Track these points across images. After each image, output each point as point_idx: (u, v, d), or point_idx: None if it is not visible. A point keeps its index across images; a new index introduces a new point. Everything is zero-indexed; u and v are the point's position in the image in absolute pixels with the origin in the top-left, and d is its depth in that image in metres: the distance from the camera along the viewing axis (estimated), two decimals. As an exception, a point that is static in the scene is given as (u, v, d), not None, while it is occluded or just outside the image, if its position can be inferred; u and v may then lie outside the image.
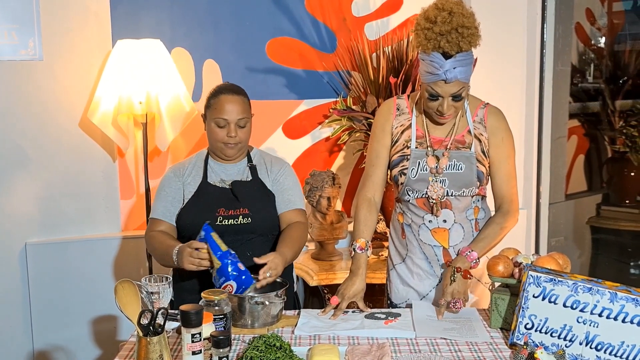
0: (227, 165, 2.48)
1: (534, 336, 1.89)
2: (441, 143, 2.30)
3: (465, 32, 2.11)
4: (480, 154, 2.28)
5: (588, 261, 4.73)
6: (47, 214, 3.28)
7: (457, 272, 2.19)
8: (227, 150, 2.42)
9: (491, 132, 2.29)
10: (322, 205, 3.27)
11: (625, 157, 4.58)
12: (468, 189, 2.27)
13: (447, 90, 2.16)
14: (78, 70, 3.24)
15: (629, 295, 1.75)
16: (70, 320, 3.30)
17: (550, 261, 2.03)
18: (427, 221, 2.32)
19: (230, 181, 2.44)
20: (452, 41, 2.11)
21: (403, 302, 2.42)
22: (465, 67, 2.14)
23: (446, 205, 2.29)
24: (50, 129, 3.24)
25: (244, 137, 2.41)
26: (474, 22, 2.15)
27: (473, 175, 2.26)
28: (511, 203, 2.33)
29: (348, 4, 3.60)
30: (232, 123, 2.37)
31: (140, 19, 3.30)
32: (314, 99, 3.61)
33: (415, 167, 2.28)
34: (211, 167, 2.48)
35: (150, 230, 2.45)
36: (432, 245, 2.33)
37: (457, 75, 2.13)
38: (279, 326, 2.11)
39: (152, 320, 1.68)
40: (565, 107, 4.09)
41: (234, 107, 2.37)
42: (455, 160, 2.26)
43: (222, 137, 2.39)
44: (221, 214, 2.37)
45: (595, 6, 4.84)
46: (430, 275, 2.36)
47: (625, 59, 4.62)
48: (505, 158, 2.31)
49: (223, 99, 2.38)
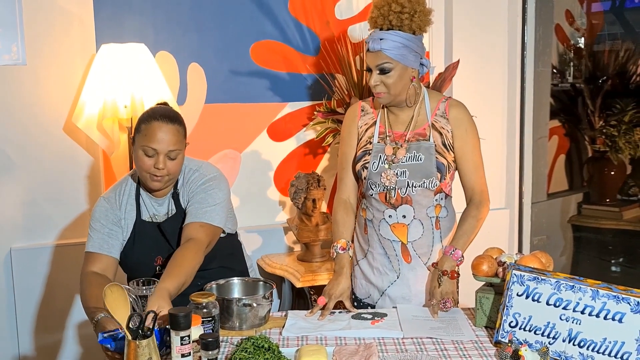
0: (160, 199, 2.31)
1: (518, 334, 1.92)
2: (401, 137, 2.34)
3: (397, 7, 2.20)
4: (440, 146, 2.31)
5: (570, 259, 4.79)
6: (32, 219, 3.27)
7: (443, 275, 2.23)
8: (152, 183, 2.21)
9: (454, 124, 2.33)
10: (308, 207, 3.29)
11: (605, 157, 4.64)
12: (428, 179, 2.29)
13: (371, 61, 2.25)
14: (62, 74, 3.23)
15: (610, 292, 1.79)
16: (56, 324, 3.29)
17: (534, 260, 2.06)
18: (387, 216, 2.35)
19: (161, 218, 2.30)
20: (383, 14, 2.23)
21: (367, 297, 2.46)
22: (395, 43, 2.22)
23: (406, 200, 2.32)
24: (35, 134, 3.23)
25: (173, 170, 2.20)
26: (415, 5, 2.22)
27: (432, 165, 2.28)
28: (482, 193, 2.36)
29: (331, 7, 3.62)
30: (162, 154, 2.16)
31: (124, 23, 3.30)
32: (298, 102, 3.63)
33: (377, 161, 2.34)
34: (144, 201, 2.31)
35: (85, 268, 2.25)
36: (391, 240, 2.36)
37: (381, 47, 2.22)
38: (266, 328, 2.13)
39: (141, 324, 1.69)
40: (546, 107, 4.15)
41: (166, 137, 2.15)
42: (415, 152, 2.30)
43: (148, 167, 2.18)
44: (159, 263, 2.28)
45: (574, 7, 4.91)
46: (388, 270, 2.39)
47: (605, 59, 4.69)
48: (471, 149, 2.34)
49: (155, 126, 2.16)
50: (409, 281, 2.37)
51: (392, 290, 2.39)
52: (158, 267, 2.27)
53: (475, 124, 2.37)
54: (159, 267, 2.26)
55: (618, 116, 4.52)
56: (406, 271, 2.37)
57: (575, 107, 4.75)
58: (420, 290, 2.37)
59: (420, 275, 2.36)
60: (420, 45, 2.29)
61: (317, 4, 3.59)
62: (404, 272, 2.37)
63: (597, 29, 5.02)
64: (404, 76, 2.27)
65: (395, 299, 2.38)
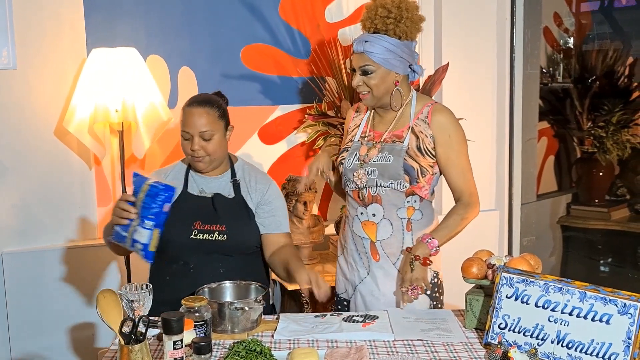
0: (209, 178, 2.47)
1: (507, 336, 1.95)
2: (380, 137, 2.38)
3: (384, 12, 2.25)
4: (414, 149, 2.32)
5: (559, 260, 4.82)
6: (23, 223, 3.27)
7: (415, 260, 2.25)
8: (195, 164, 2.42)
9: (436, 130, 2.34)
10: (299, 209, 3.31)
11: (593, 158, 4.66)
12: (396, 181, 2.31)
13: (355, 62, 2.31)
14: (53, 78, 3.24)
15: (597, 294, 1.81)
16: (48, 328, 3.29)
17: (522, 262, 2.09)
18: (359, 213, 2.40)
19: (211, 193, 2.44)
20: (371, 17, 2.28)
21: (343, 292, 2.52)
22: (378, 47, 2.26)
23: (376, 199, 2.35)
24: (26, 138, 3.23)
25: (210, 150, 2.38)
26: (403, 12, 2.26)
27: (400, 167, 2.30)
28: (471, 195, 2.37)
29: (321, 11, 3.64)
30: (195, 136, 2.35)
31: (114, 27, 3.30)
32: (289, 105, 3.64)
33: (352, 158, 2.39)
34: (193, 177, 2.48)
35: None
36: (362, 237, 2.41)
37: (365, 49, 2.27)
38: (258, 331, 2.14)
39: (134, 329, 1.71)
40: (535, 109, 4.17)
41: (197, 120, 2.34)
42: (387, 153, 2.33)
43: (187, 150, 2.40)
44: (197, 227, 2.36)
45: (562, 9, 4.93)
46: (359, 267, 2.44)
47: (593, 61, 4.71)
48: (456, 155, 2.35)
49: (187, 111, 2.38)
50: (378, 280, 2.40)
51: (362, 286, 2.44)
52: (195, 231, 2.35)
53: (461, 129, 2.38)
54: (196, 230, 2.35)
55: (606, 117, 4.54)
56: (375, 269, 2.41)
57: (563, 108, 4.78)
58: (389, 289, 2.40)
59: (388, 275, 2.38)
60: (407, 51, 2.31)
61: (307, 8, 3.61)
62: (373, 269, 2.41)
63: (586, 30, 5.05)
64: (387, 79, 2.30)
65: (365, 296, 2.43)
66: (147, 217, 2.10)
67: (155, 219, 2.10)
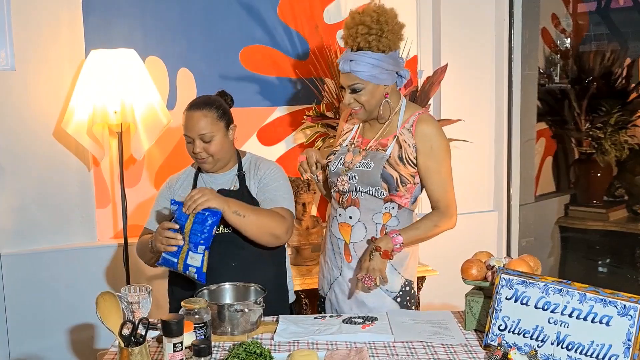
0: (217, 175, 2.50)
1: (507, 337, 1.95)
2: (367, 144, 2.41)
3: (364, 29, 2.24)
4: (395, 158, 2.34)
5: (557, 260, 4.82)
6: (22, 225, 3.26)
7: (376, 251, 2.26)
8: (201, 165, 2.47)
9: (419, 140, 2.34)
10: (298, 211, 3.31)
11: (591, 159, 4.67)
12: (374, 187, 2.34)
13: (344, 81, 2.34)
14: (51, 80, 3.23)
15: (597, 295, 1.82)
16: (47, 330, 3.29)
17: (522, 264, 2.09)
18: (338, 214, 2.45)
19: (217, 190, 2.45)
20: (352, 35, 2.28)
21: (321, 288, 2.58)
22: (364, 65, 2.27)
23: (355, 203, 2.39)
24: (24, 139, 3.22)
25: (213, 151, 2.40)
26: (383, 26, 2.24)
27: (378, 174, 2.32)
28: (447, 207, 2.37)
29: (320, 12, 3.64)
30: (196, 139, 2.39)
31: (113, 28, 3.30)
32: (287, 106, 3.64)
33: (337, 162, 2.43)
34: (202, 178, 2.52)
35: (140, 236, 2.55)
36: (337, 238, 2.45)
37: (351, 68, 2.28)
38: (258, 333, 2.14)
39: (134, 331, 1.70)
40: (533, 110, 4.18)
41: (196, 123, 2.37)
42: (369, 160, 2.36)
43: (191, 153, 2.44)
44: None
45: (560, 10, 4.94)
46: (334, 266, 2.49)
47: (590, 62, 4.72)
48: (436, 165, 2.34)
49: (187, 115, 2.41)
50: (348, 280, 2.44)
51: (336, 285, 2.48)
52: None
53: (445, 141, 2.37)
54: None
55: (604, 118, 4.55)
56: (346, 270, 2.44)
57: (561, 109, 4.79)
58: (356, 297, 2.41)
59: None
60: (392, 61, 2.31)
61: (305, 9, 3.61)
62: (345, 270, 2.45)
63: (583, 30, 5.06)
64: (377, 94, 2.33)
65: (337, 294, 2.47)
66: (199, 242, 2.22)
67: (205, 242, 2.23)
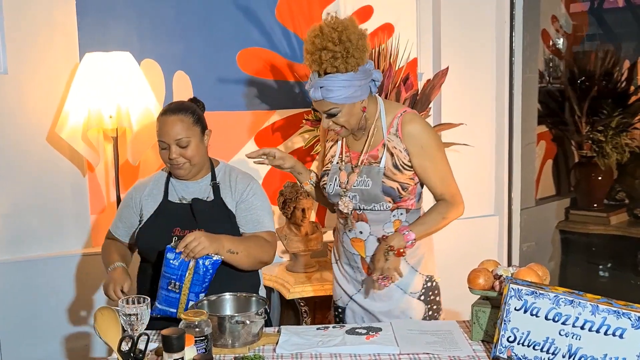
0: (189, 183, 2.45)
1: (516, 349, 1.90)
2: (358, 158, 2.34)
3: (328, 54, 2.13)
4: (391, 168, 2.28)
5: (558, 265, 4.80)
6: (15, 231, 3.20)
7: (390, 251, 2.22)
8: (175, 171, 2.40)
9: (408, 142, 2.29)
10: (297, 216, 3.26)
11: (592, 162, 4.65)
12: (378, 203, 2.29)
13: (318, 107, 2.25)
14: (45, 83, 3.17)
15: (610, 307, 1.77)
16: (41, 338, 3.23)
17: (530, 273, 2.04)
18: (347, 230, 2.39)
19: (190, 199, 2.41)
20: (316, 61, 2.17)
21: (338, 299, 2.51)
22: (335, 88, 2.17)
23: (362, 218, 2.34)
24: (17, 144, 3.16)
25: (189, 156, 2.35)
26: (346, 44, 2.13)
27: (379, 190, 2.27)
28: (453, 196, 2.33)
29: (319, 14, 3.59)
30: (172, 145, 2.33)
31: (108, 31, 3.24)
32: (286, 109, 3.59)
33: (332, 183, 2.37)
34: (173, 185, 2.46)
35: (106, 238, 2.58)
36: (352, 253, 2.41)
37: (323, 95, 2.19)
38: (259, 344, 2.08)
39: (133, 347, 1.65)
40: (534, 113, 4.15)
41: (171, 128, 2.32)
42: (365, 177, 2.30)
43: (166, 159, 2.38)
44: (176, 234, 2.34)
45: (560, 12, 4.92)
46: (353, 279, 2.44)
47: (591, 64, 4.70)
48: (432, 163, 2.31)
49: (161, 120, 2.36)
50: (370, 292, 2.40)
51: (358, 297, 2.43)
52: (175, 238, 2.30)
53: (434, 135, 2.33)
54: (175, 237, 2.30)
55: (605, 121, 4.52)
56: (368, 282, 2.39)
57: (562, 112, 4.76)
58: (381, 306, 2.39)
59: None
60: (363, 75, 2.22)
61: (304, 10, 3.56)
62: (367, 283, 2.40)
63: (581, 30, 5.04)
64: (354, 112, 2.26)
65: (361, 304, 2.43)
66: (200, 291, 2.23)
67: (205, 290, 2.24)
